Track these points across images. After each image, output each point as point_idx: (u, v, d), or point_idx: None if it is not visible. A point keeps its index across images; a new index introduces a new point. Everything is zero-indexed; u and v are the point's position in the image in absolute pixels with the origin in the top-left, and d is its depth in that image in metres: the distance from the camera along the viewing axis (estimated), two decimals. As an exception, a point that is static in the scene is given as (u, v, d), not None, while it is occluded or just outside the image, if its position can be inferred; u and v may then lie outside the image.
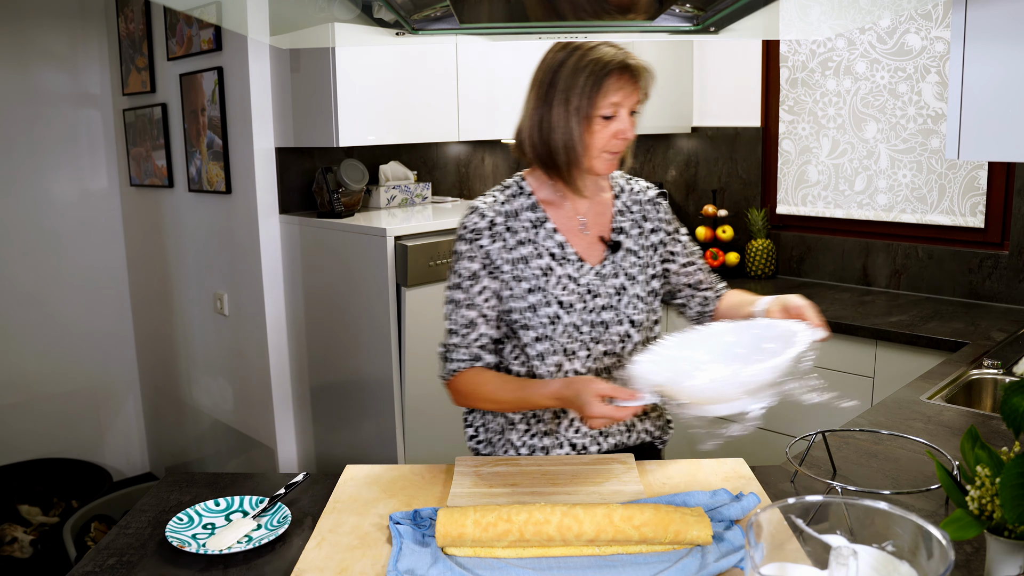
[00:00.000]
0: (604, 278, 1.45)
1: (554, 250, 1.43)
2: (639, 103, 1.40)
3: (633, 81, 1.37)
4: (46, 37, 3.13)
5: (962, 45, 1.28)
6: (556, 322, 1.42)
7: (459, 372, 1.44)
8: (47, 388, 3.27)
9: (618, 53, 1.36)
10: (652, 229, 1.53)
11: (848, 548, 0.76)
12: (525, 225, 1.43)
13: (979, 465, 0.96)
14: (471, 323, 1.42)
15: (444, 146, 3.19)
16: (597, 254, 1.47)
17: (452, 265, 1.45)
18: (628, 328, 1.46)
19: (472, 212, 1.44)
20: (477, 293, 1.42)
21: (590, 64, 1.35)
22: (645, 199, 1.55)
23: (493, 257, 1.41)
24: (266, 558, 1.14)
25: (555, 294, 1.42)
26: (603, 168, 1.40)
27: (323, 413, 2.71)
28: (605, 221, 1.50)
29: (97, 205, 3.34)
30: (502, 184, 1.50)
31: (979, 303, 2.70)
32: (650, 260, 1.52)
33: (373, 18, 1.25)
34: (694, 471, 1.39)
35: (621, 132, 1.37)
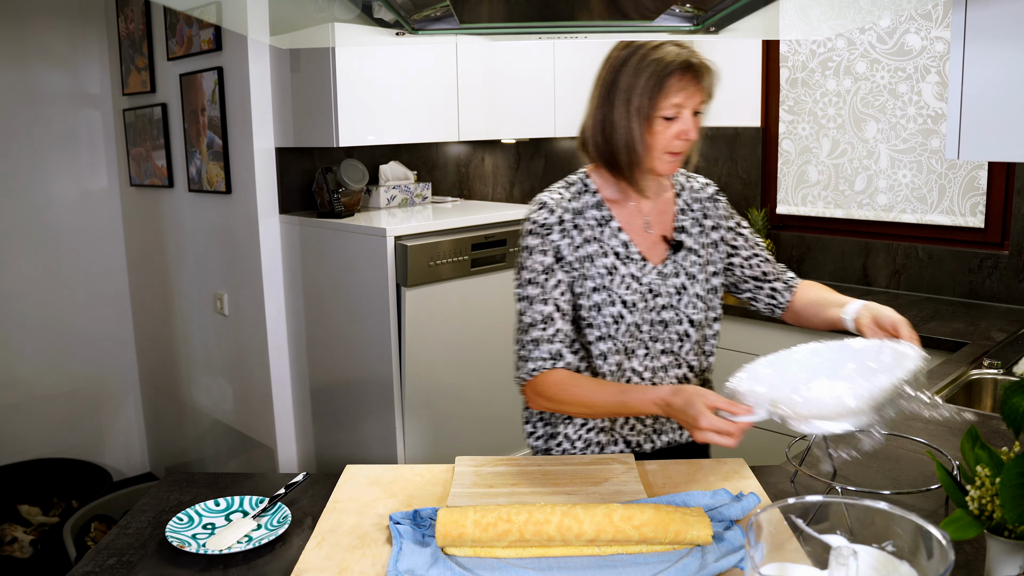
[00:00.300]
0: (665, 277, 1.45)
1: (618, 249, 1.43)
2: (703, 103, 1.37)
3: (696, 81, 1.34)
4: (46, 37, 3.13)
5: (962, 45, 1.28)
6: (619, 321, 1.42)
7: (541, 372, 1.39)
8: (47, 388, 3.27)
9: (681, 53, 1.34)
10: (713, 226, 1.52)
11: (848, 548, 0.76)
12: (591, 223, 1.43)
13: (979, 465, 0.96)
14: (549, 318, 1.40)
15: (444, 146, 3.19)
16: (659, 253, 1.47)
17: (521, 261, 1.43)
18: (687, 327, 1.46)
19: (541, 208, 1.42)
20: (552, 287, 1.40)
21: (652, 64, 1.33)
22: (704, 196, 1.54)
23: (563, 253, 1.40)
24: (266, 558, 1.14)
25: (619, 293, 1.41)
26: (665, 169, 1.39)
27: (323, 413, 2.71)
28: (667, 220, 1.49)
29: (97, 205, 3.34)
30: (566, 180, 1.48)
31: (979, 303, 2.70)
32: (711, 258, 1.51)
33: (373, 18, 1.25)
34: (694, 471, 1.39)
35: (683, 133, 1.35)
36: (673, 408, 1.23)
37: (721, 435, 1.16)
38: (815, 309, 1.51)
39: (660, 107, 1.34)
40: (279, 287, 2.73)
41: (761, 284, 1.57)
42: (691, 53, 1.35)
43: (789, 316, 1.59)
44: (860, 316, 1.40)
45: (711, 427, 1.16)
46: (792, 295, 1.57)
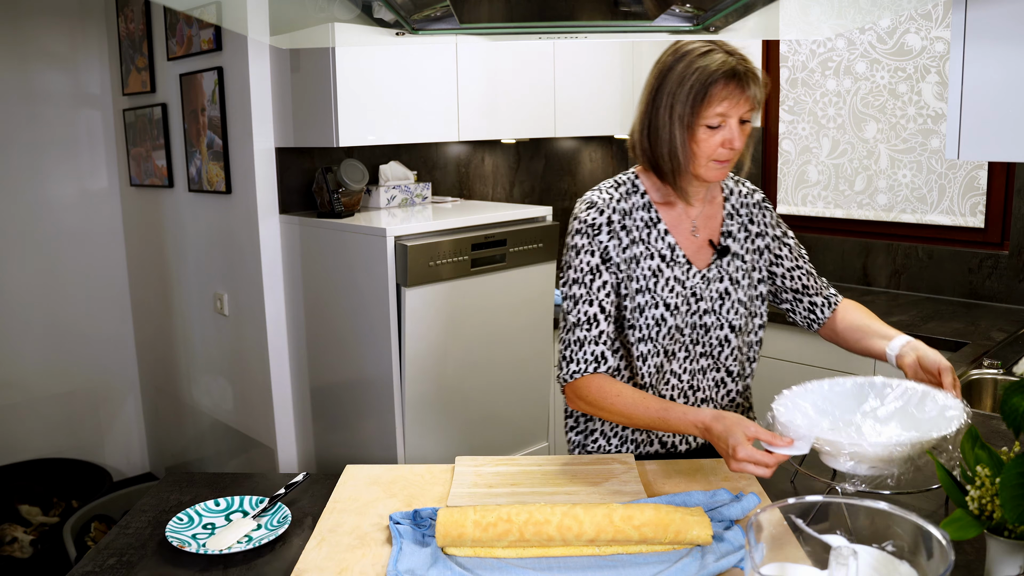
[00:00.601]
0: (709, 282, 1.45)
1: (664, 252, 1.43)
2: (749, 112, 1.36)
3: (741, 90, 1.32)
4: (46, 37, 3.13)
5: (962, 45, 1.28)
6: (661, 324, 1.42)
7: (583, 376, 1.38)
8: (47, 388, 3.27)
9: (727, 61, 1.32)
10: (758, 233, 1.52)
11: (848, 548, 0.76)
12: (638, 224, 1.42)
13: (979, 465, 0.96)
14: (593, 319, 1.39)
15: (444, 146, 3.19)
16: (705, 257, 1.46)
17: (568, 260, 1.42)
18: (728, 333, 1.46)
19: (590, 207, 1.42)
20: (598, 288, 1.39)
21: (696, 72, 1.32)
22: (752, 202, 1.53)
23: (610, 254, 1.40)
24: (266, 558, 1.14)
25: (662, 296, 1.42)
26: (712, 176, 1.39)
27: (323, 413, 2.71)
28: (715, 224, 1.49)
29: (97, 205, 3.34)
30: (615, 180, 1.47)
31: (979, 303, 2.70)
32: (756, 264, 1.51)
33: (373, 18, 1.25)
34: (694, 471, 1.39)
35: (728, 142, 1.34)
36: (712, 433, 1.21)
37: (757, 466, 1.15)
38: (857, 335, 1.51)
39: (703, 116, 1.33)
40: (279, 287, 2.73)
41: (800, 297, 1.57)
42: (738, 61, 1.33)
43: (826, 333, 1.59)
44: (904, 354, 1.39)
45: (748, 458, 1.14)
46: (832, 313, 1.57)
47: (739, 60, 1.32)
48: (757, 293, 1.50)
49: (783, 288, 1.57)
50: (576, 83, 3.12)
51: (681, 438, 1.50)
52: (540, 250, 2.65)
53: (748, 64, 1.34)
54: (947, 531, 0.79)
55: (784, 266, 1.55)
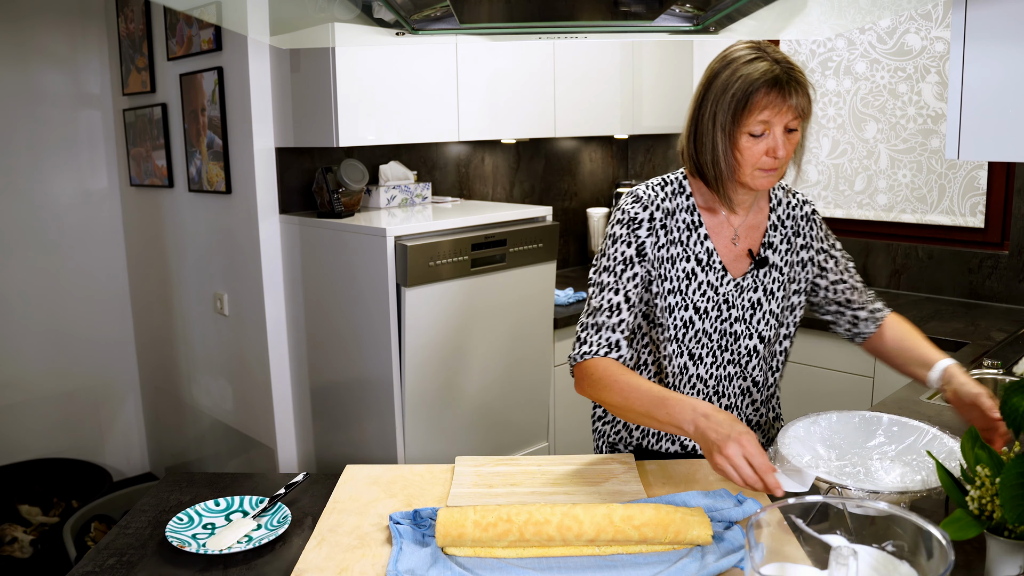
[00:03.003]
0: (743, 290, 1.45)
1: (702, 256, 1.43)
2: (795, 120, 1.34)
3: (783, 98, 1.31)
4: (46, 37, 3.13)
5: (962, 45, 1.28)
6: (688, 327, 1.43)
7: (593, 359, 1.36)
8: (47, 388, 3.27)
9: (770, 69, 1.31)
10: (803, 245, 1.51)
11: (848, 548, 0.76)
12: (679, 226, 1.43)
13: (979, 465, 0.96)
14: (617, 307, 1.39)
15: (444, 146, 3.19)
16: (742, 266, 1.46)
17: (604, 247, 1.43)
18: (756, 343, 1.47)
19: (635, 201, 1.42)
20: (628, 279, 1.40)
21: (739, 79, 1.31)
22: (800, 214, 1.52)
23: (646, 249, 1.41)
24: (266, 558, 1.14)
25: (693, 299, 1.42)
26: (758, 184, 1.37)
27: (323, 413, 2.71)
28: (757, 234, 1.48)
29: (97, 205, 3.34)
30: (663, 179, 1.47)
31: (979, 303, 2.70)
32: (796, 276, 1.50)
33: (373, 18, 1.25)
34: (694, 471, 1.39)
35: (771, 150, 1.33)
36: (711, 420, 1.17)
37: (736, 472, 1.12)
38: (900, 358, 1.51)
39: (744, 124, 1.32)
40: (279, 287, 2.73)
41: (843, 310, 1.56)
42: (783, 69, 1.31)
43: (869, 348, 1.58)
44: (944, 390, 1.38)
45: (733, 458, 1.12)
46: (876, 328, 1.55)
47: (784, 68, 1.31)
48: (789, 304, 1.49)
49: (827, 300, 1.56)
50: (576, 83, 3.12)
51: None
52: (540, 250, 2.65)
53: (794, 72, 1.32)
54: (947, 531, 0.79)
55: (828, 279, 1.54)
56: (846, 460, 1.27)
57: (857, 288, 1.56)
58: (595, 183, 3.78)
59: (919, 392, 1.81)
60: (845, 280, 1.55)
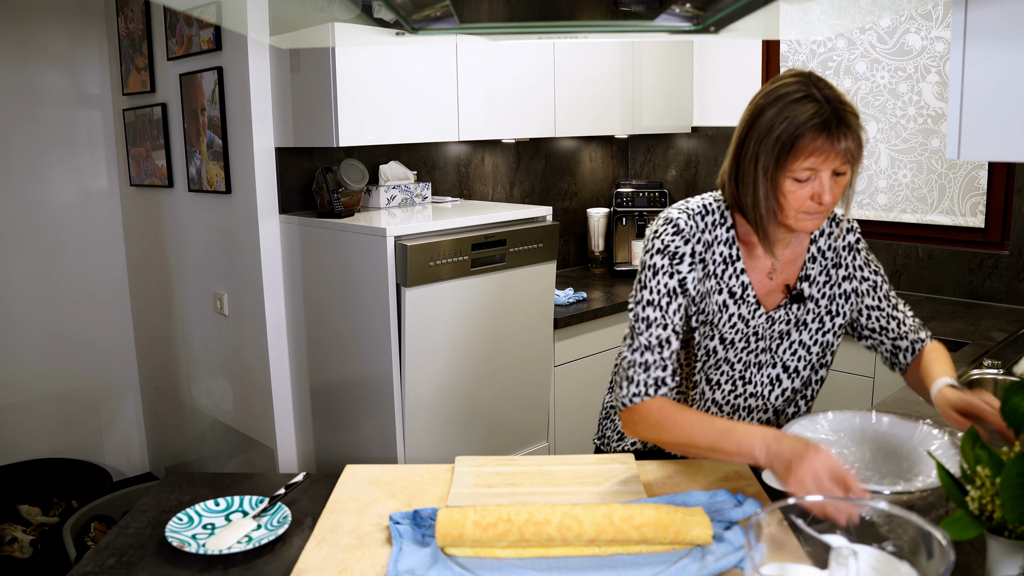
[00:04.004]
0: (773, 322, 1.41)
1: (736, 289, 1.38)
2: (844, 164, 1.24)
3: (831, 143, 1.21)
4: (46, 37, 3.13)
5: (962, 45, 1.28)
6: (711, 356, 1.40)
7: (644, 400, 1.32)
8: (47, 388, 3.27)
9: (818, 112, 1.21)
10: (845, 277, 1.45)
11: (848, 548, 0.76)
12: (716, 259, 1.37)
13: (979, 465, 0.96)
14: (665, 341, 1.33)
15: (444, 146, 3.19)
16: (776, 299, 1.41)
17: (644, 279, 1.36)
18: (780, 372, 1.43)
19: (676, 233, 1.35)
20: (673, 312, 1.34)
21: (784, 122, 1.22)
22: (842, 244, 1.46)
23: (687, 284, 1.35)
24: (266, 558, 1.14)
25: (720, 331, 1.39)
26: (803, 227, 1.31)
27: (323, 413, 2.71)
28: (795, 268, 1.42)
29: (97, 205, 3.34)
30: (704, 205, 1.39)
31: (979, 303, 2.70)
32: (839, 308, 1.44)
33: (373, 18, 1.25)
34: (694, 471, 1.39)
35: (817, 196, 1.25)
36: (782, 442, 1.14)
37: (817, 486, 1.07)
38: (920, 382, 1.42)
39: (789, 169, 1.24)
40: (279, 287, 2.73)
41: (880, 338, 1.50)
42: (834, 110, 1.22)
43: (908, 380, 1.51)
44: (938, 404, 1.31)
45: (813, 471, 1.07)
46: (914, 358, 1.47)
47: (835, 109, 1.22)
48: (824, 340, 1.44)
49: (864, 327, 1.51)
50: (576, 83, 3.11)
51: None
52: (540, 250, 2.65)
53: (844, 113, 1.22)
54: (947, 531, 0.79)
55: (864, 304, 1.48)
56: (847, 460, 1.27)
57: (896, 317, 1.49)
58: (595, 183, 3.78)
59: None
60: (883, 308, 1.49)
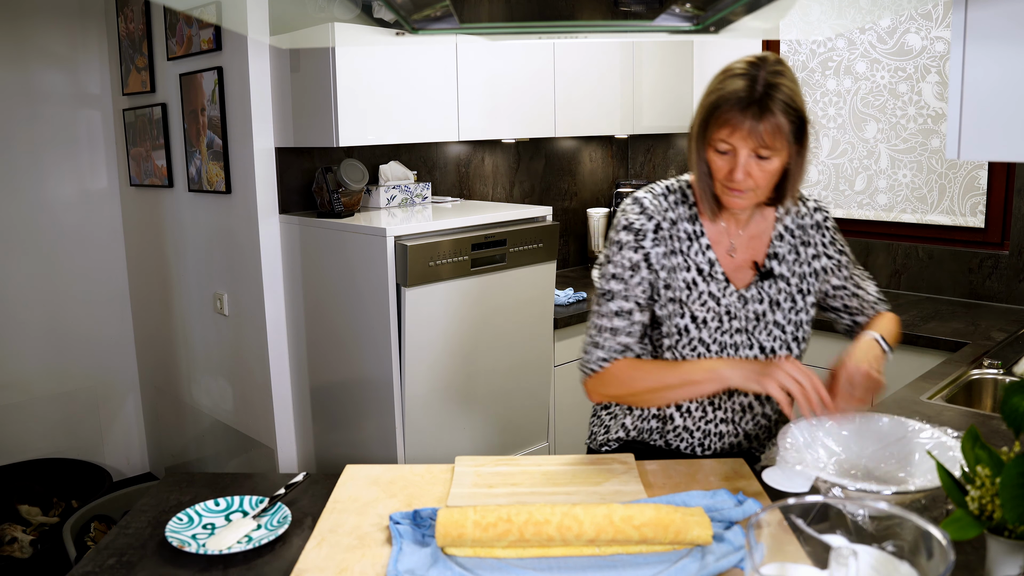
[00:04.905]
0: (746, 302, 1.42)
1: (703, 266, 1.41)
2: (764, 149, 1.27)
3: (750, 122, 1.25)
4: (46, 37, 3.13)
5: (962, 45, 1.28)
6: (683, 335, 1.41)
7: (611, 364, 1.39)
8: (47, 388, 3.27)
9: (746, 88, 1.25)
10: (814, 255, 1.48)
11: (848, 548, 0.76)
12: (681, 236, 1.41)
13: (979, 465, 0.96)
14: (628, 312, 1.40)
15: (444, 146, 3.19)
16: (746, 277, 1.43)
17: (609, 254, 1.42)
18: (757, 353, 1.43)
19: (641, 211, 1.41)
20: (636, 284, 1.40)
21: (715, 93, 1.29)
22: (810, 223, 1.48)
23: (652, 260, 1.40)
24: (266, 558, 1.14)
25: (692, 308, 1.40)
26: (729, 203, 1.35)
27: (323, 413, 2.71)
28: (760, 245, 1.45)
29: (97, 205, 3.34)
30: (667, 186, 1.45)
31: (979, 303, 2.70)
32: (810, 287, 1.46)
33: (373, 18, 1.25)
34: (694, 471, 1.39)
35: (731, 172, 1.30)
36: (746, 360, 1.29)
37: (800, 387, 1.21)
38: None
39: (711, 139, 1.30)
40: (279, 287, 2.73)
41: (843, 315, 1.54)
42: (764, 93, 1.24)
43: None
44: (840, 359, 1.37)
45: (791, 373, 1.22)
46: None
47: (765, 92, 1.24)
48: (798, 319, 1.45)
49: (827, 305, 1.55)
50: (576, 83, 3.11)
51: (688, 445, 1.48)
52: (540, 250, 2.65)
53: (771, 99, 1.24)
54: (947, 531, 0.79)
55: (832, 283, 1.51)
56: (846, 460, 1.27)
57: (858, 295, 1.53)
58: (595, 183, 3.78)
59: (919, 392, 1.81)
60: (847, 287, 1.52)
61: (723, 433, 1.48)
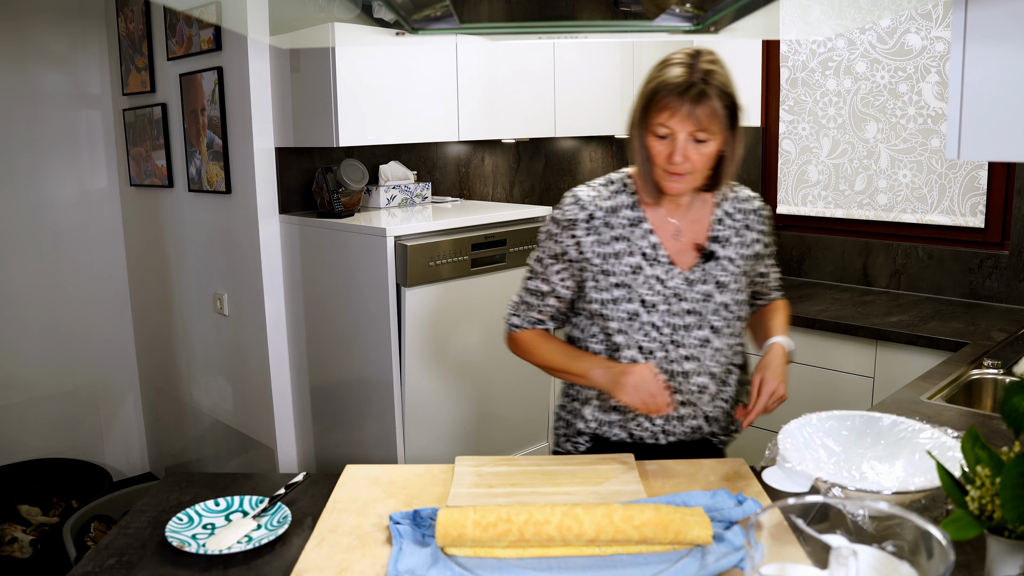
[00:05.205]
0: (692, 283, 1.47)
1: (647, 250, 1.46)
2: (701, 132, 1.34)
3: (687, 107, 1.32)
4: (46, 37, 3.13)
5: (962, 45, 1.28)
6: (635, 319, 1.46)
7: (521, 330, 1.56)
8: (47, 388, 3.27)
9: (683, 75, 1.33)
10: (754, 239, 1.54)
11: (848, 548, 0.76)
12: (622, 222, 1.46)
13: (979, 465, 0.96)
14: (541, 294, 1.53)
15: (444, 146, 3.19)
16: (689, 259, 1.48)
17: (540, 240, 1.54)
18: (708, 333, 1.47)
19: (574, 202, 1.49)
20: (554, 273, 1.50)
21: (655, 80, 1.36)
22: (750, 208, 1.55)
23: (584, 249, 1.46)
24: (266, 558, 1.14)
25: (640, 292, 1.45)
26: (668, 188, 1.41)
27: (323, 413, 2.71)
28: (701, 228, 1.50)
29: (97, 205, 3.34)
30: (608, 178, 1.53)
31: (979, 303, 2.70)
32: (746, 269, 1.53)
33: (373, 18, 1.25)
34: (694, 471, 1.39)
35: (671, 156, 1.36)
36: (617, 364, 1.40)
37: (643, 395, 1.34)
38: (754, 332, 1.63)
39: (650, 123, 1.37)
40: (279, 287, 2.73)
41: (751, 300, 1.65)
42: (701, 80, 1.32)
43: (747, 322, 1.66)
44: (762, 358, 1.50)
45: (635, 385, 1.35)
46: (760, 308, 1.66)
47: (701, 79, 1.32)
48: (744, 297, 1.53)
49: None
50: (576, 83, 3.11)
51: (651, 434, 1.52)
52: (540, 250, 2.65)
53: (707, 86, 1.32)
54: (947, 531, 0.79)
55: (759, 270, 1.59)
56: (846, 460, 1.27)
57: (768, 284, 1.64)
58: (595, 183, 3.78)
59: (919, 392, 1.81)
60: (766, 275, 1.62)
61: (683, 416, 1.50)
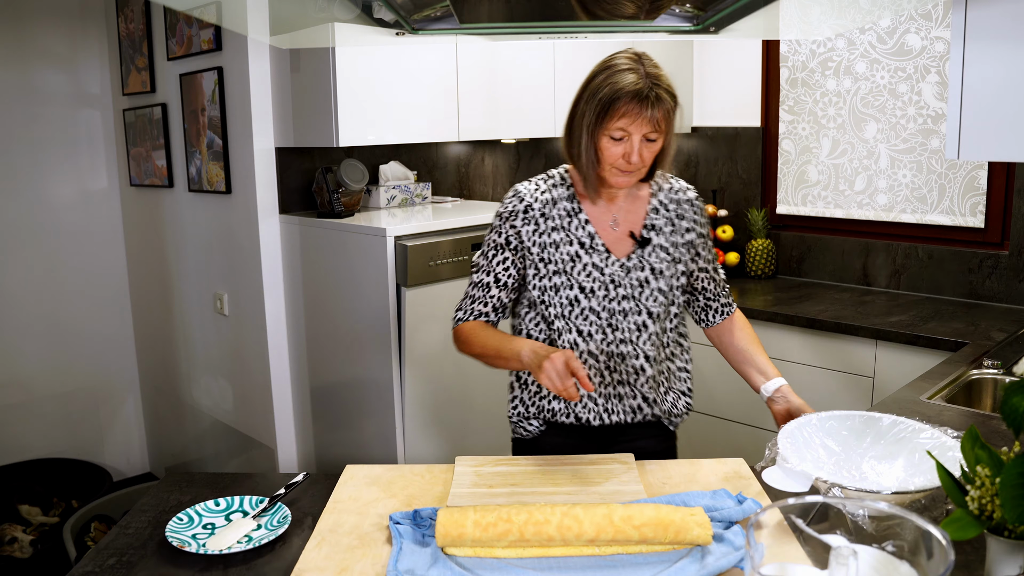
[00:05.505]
0: (628, 270, 1.54)
1: (584, 240, 1.54)
2: (653, 132, 1.43)
3: (642, 110, 1.40)
4: (46, 37, 3.13)
5: (962, 45, 1.28)
6: (575, 305, 1.53)
7: (463, 323, 1.59)
8: (47, 388, 3.27)
9: (635, 82, 1.40)
10: (688, 228, 1.60)
11: (848, 548, 0.76)
12: (560, 214, 1.54)
13: (979, 465, 0.96)
14: (487, 285, 1.58)
15: (444, 146, 3.19)
16: (625, 247, 1.56)
17: (487, 235, 1.60)
18: (645, 319, 1.55)
19: (513, 195, 1.58)
20: (497, 264, 1.56)
21: (608, 87, 1.41)
22: (683, 198, 1.62)
23: (523, 238, 1.54)
24: (266, 558, 1.14)
25: (578, 280, 1.53)
26: (615, 182, 1.49)
27: (323, 413, 2.71)
28: (637, 218, 1.58)
29: (97, 205, 3.34)
30: (547, 173, 1.62)
31: (979, 303, 2.70)
32: (682, 256, 1.59)
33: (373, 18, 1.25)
34: (694, 471, 1.39)
35: (627, 155, 1.44)
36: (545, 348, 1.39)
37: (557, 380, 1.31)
38: (738, 358, 1.66)
39: (606, 128, 1.43)
40: (279, 287, 2.73)
41: (697, 297, 1.68)
42: (650, 84, 1.40)
43: (712, 338, 1.72)
44: (776, 400, 1.54)
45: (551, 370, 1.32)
46: (721, 321, 1.69)
47: (652, 83, 1.40)
48: (678, 284, 1.59)
49: (689, 285, 1.67)
50: (576, 83, 3.10)
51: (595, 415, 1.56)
52: (540, 250, 2.65)
53: (659, 90, 1.40)
54: (947, 531, 0.79)
55: (698, 264, 1.64)
56: (846, 460, 1.27)
57: (715, 280, 1.68)
58: (595, 183, 3.78)
59: (919, 392, 1.81)
60: (707, 270, 1.66)
61: (623, 395, 1.56)
